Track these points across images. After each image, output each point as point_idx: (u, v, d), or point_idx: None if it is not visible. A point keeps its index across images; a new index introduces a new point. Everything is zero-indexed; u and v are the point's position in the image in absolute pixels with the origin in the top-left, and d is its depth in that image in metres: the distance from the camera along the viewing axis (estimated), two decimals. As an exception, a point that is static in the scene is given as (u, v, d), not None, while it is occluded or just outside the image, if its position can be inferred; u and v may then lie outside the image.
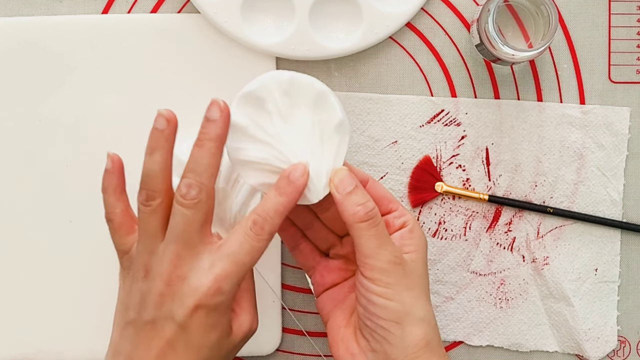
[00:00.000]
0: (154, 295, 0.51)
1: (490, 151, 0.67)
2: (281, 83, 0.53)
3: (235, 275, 0.51)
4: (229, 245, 0.51)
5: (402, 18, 0.65)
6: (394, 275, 0.53)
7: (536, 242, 0.67)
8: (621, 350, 0.68)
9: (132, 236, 0.54)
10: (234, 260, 0.51)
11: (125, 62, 0.65)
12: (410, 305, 0.53)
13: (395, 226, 0.56)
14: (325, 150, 0.54)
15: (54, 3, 0.66)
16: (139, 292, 0.52)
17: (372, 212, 0.53)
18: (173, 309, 0.51)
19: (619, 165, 0.67)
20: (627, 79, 0.67)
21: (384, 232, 0.54)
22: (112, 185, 0.55)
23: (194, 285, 0.50)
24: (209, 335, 0.51)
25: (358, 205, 0.53)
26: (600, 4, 0.67)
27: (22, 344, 0.66)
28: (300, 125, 0.53)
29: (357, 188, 0.53)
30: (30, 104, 0.65)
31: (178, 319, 0.50)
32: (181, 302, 0.50)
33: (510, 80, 0.67)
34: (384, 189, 0.58)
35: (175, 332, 0.51)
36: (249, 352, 0.66)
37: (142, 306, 0.52)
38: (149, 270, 0.52)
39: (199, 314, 0.50)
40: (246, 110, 0.53)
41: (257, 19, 0.65)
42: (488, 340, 0.67)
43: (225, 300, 0.51)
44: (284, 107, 0.53)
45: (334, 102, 0.53)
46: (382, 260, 0.53)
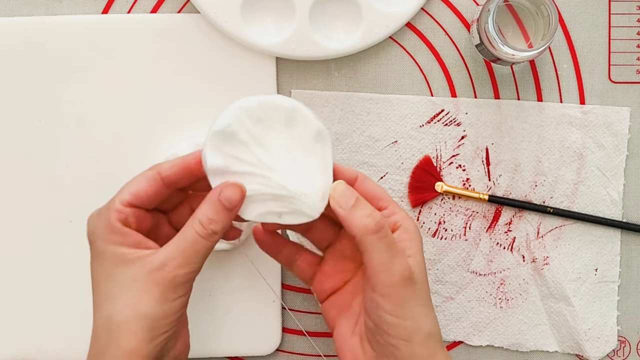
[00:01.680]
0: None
1: (490, 151, 0.67)
2: (250, 111, 0.51)
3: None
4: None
5: (402, 18, 0.65)
6: (405, 290, 0.51)
7: (536, 242, 0.67)
8: (621, 350, 0.68)
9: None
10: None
11: (125, 62, 0.65)
12: (421, 321, 0.52)
13: (389, 226, 0.54)
14: (310, 162, 0.53)
15: (54, 3, 0.66)
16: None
17: (380, 221, 0.51)
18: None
19: (619, 165, 0.67)
20: (627, 79, 0.67)
21: (394, 242, 0.52)
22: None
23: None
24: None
25: (366, 217, 0.51)
26: (600, 4, 0.67)
27: (22, 344, 0.66)
28: (279, 147, 0.52)
29: (359, 200, 0.52)
30: (30, 104, 0.65)
31: None
32: None
33: (510, 80, 0.67)
34: (374, 186, 0.55)
35: None
36: (249, 352, 0.66)
37: None
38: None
39: None
40: (222, 150, 0.52)
41: (257, 19, 0.65)
42: (488, 340, 0.67)
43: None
44: (259, 133, 0.52)
45: (306, 113, 0.52)
46: (394, 275, 0.51)
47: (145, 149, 0.65)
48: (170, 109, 0.66)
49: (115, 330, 0.50)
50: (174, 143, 0.64)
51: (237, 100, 0.52)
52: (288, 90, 0.66)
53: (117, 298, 0.50)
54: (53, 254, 0.65)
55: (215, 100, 0.65)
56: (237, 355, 0.67)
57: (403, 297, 0.51)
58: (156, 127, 0.65)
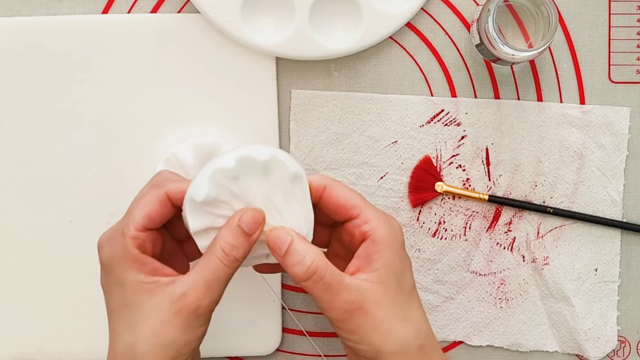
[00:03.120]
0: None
1: (490, 151, 0.67)
2: (227, 172, 0.51)
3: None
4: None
5: (402, 18, 0.65)
6: (354, 321, 0.51)
7: (536, 242, 0.67)
8: (621, 350, 0.68)
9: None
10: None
11: (125, 62, 0.65)
12: (381, 344, 0.51)
13: (358, 237, 0.53)
14: (291, 205, 0.52)
15: (54, 3, 0.66)
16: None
17: (310, 269, 0.50)
18: None
19: (619, 165, 0.67)
20: (627, 79, 0.67)
21: (333, 279, 0.51)
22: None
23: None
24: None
25: (295, 265, 0.51)
26: (600, 4, 0.67)
27: (22, 344, 0.66)
28: (259, 195, 0.52)
29: (292, 245, 0.51)
30: (30, 104, 0.65)
31: None
32: None
33: (510, 80, 0.67)
34: (344, 192, 0.53)
35: None
36: (249, 352, 0.66)
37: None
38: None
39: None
40: (203, 211, 0.52)
41: (257, 19, 0.65)
42: (488, 340, 0.67)
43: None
44: (239, 189, 0.51)
45: (282, 159, 0.52)
46: (337, 311, 0.51)
47: (145, 149, 0.65)
48: (170, 109, 0.66)
49: (140, 358, 0.50)
50: (174, 143, 0.64)
51: (212, 162, 0.52)
52: (288, 90, 0.66)
53: (140, 327, 0.50)
54: (53, 253, 0.65)
55: (215, 100, 0.65)
56: (237, 355, 0.67)
57: (352, 328, 0.51)
58: (156, 127, 0.65)
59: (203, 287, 0.50)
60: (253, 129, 0.65)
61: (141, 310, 0.50)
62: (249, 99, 0.66)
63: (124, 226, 0.51)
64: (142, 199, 0.52)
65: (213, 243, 0.51)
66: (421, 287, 0.67)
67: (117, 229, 0.52)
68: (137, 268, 0.51)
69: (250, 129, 0.65)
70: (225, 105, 0.66)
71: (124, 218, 0.52)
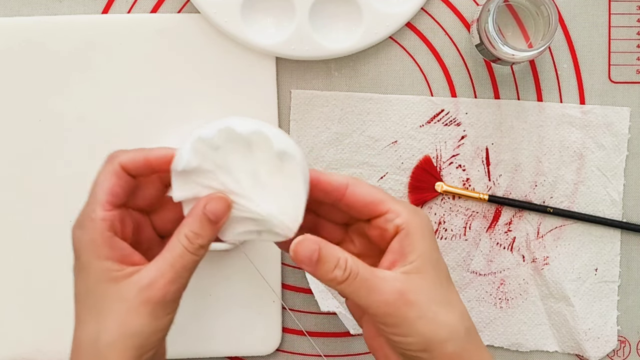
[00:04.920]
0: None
1: (490, 151, 0.67)
2: (208, 141, 0.50)
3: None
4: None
5: (402, 18, 0.65)
6: (398, 313, 0.49)
7: (536, 242, 0.67)
8: (621, 350, 0.68)
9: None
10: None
11: (125, 62, 0.65)
12: (430, 332, 0.50)
13: (390, 232, 0.51)
14: (277, 184, 0.51)
15: (54, 3, 0.66)
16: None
17: (345, 272, 0.49)
18: None
19: (619, 165, 0.67)
20: (627, 79, 0.67)
21: (368, 274, 0.50)
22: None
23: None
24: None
25: (330, 272, 0.49)
26: (600, 4, 0.67)
27: (22, 344, 0.66)
28: (244, 171, 0.51)
29: (322, 252, 0.50)
30: (30, 104, 0.65)
31: None
32: None
33: (510, 80, 0.67)
34: (367, 191, 0.52)
35: None
36: (249, 352, 0.66)
37: None
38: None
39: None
40: (189, 179, 0.51)
41: (257, 19, 0.65)
42: (488, 340, 0.67)
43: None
44: (222, 160, 0.50)
45: (268, 135, 0.50)
46: (380, 306, 0.49)
47: (145, 149, 0.65)
48: (170, 109, 0.66)
49: (104, 348, 0.49)
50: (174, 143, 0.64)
51: (195, 131, 0.51)
52: (288, 90, 0.66)
53: (105, 316, 0.49)
54: (53, 253, 0.65)
55: (215, 100, 0.65)
56: (237, 355, 0.67)
57: (397, 322, 0.50)
58: (156, 127, 0.65)
59: (170, 275, 0.49)
60: (253, 129, 0.65)
61: (106, 299, 0.49)
62: (249, 99, 0.66)
63: (91, 209, 0.50)
64: (98, 178, 0.51)
65: (178, 230, 0.50)
66: (421, 287, 0.67)
67: (85, 213, 0.51)
68: (106, 253, 0.50)
69: (250, 129, 0.65)
70: (225, 105, 0.66)
71: (88, 202, 0.51)
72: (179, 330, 0.66)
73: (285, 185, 0.51)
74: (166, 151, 0.52)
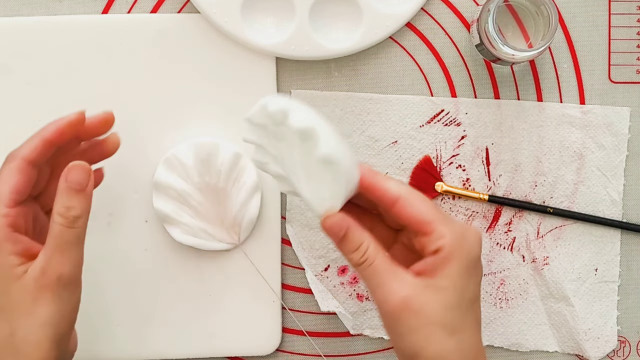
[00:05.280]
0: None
1: (490, 151, 0.67)
2: (272, 115, 0.51)
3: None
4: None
5: (402, 18, 0.65)
6: (401, 316, 0.49)
7: (536, 242, 0.67)
8: (621, 350, 0.68)
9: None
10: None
11: (125, 62, 0.65)
12: (420, 348, 0.49)
13: (430, 250, 0.51)
14: (322, 179, 0.50)
15: (54, 3, 0.66)
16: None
17: (363, 257, 0.50)
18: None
19: (619, 165, 0.67)
20: (627, 79, 0.67)
21: (381, 268, 0.50)
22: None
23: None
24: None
25: (350, 253, 0.50)
26: (600, 4, 0.67)
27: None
28: (293, 153, 0.51)
29: (349, 231, 0.51)
30: (30, 104, 0.65)
31: None
32: None
33: (510, 80, 0.67)
34: (417, 209, 0.51)
35: None
36: (249, 352, 0.66)
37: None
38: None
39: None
40: (256, 133, 0.52)
41: (257, 19, 0.65)
42: (488, 340, 0.67)
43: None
44: (281, 135, 0.51)
45: (318, 136, 0.49)
46: (381, 303, 0.50)
47: (145, 149, 0.65)
48: (170, 109, 0.66)
49: (20, 344, 0.50)
50: (174, 143, 0.64)
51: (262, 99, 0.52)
52: (288, 90, 0.66)
53: (14, 313, 0.51)
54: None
55: (215, 100, 0.65)
56: (237, 355, 0.67)
57: (399, 323, 0.50)
58: (156, 127, 0.65)
59: (57, 256, 0.51)
60: (253, 129, 0.65)
61: (12, 296, 0.51)
62: (249, 99, 0.65)
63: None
64: (1, 176, 0.52)
65: (52, 211, 0.51)
66: (421, 287, 0.67)
67: None
68: (8, 249, 0.51)
69: (250, 129, 0.65)
70: (225, 105, 0.66)
71: None
72: (179, 331, 0.66)
73: (328, 186, 0.50)
74: (56, 123, 0.53)
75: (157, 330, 0.65)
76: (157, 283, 0.65)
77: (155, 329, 0.65)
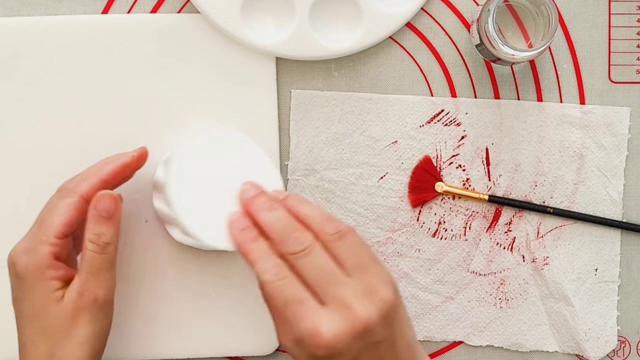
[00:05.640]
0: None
1: (490, 151, 0.67)
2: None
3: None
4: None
5: (402, 18, 0.65)
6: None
7: (536, 242, 0.67)
8: (621, 350, 0.68)
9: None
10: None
11: (125, 62, 0.65)
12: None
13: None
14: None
15: (54, 3, 0.66)
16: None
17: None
18: None
19: (619, 165, 0.67)
20: (627, 79, 0.67)
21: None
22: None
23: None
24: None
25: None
26: (600, 4, 0.67)
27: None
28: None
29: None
30: (30, 104, 0.65)
31: None
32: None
33: (510, 80, 0.67)
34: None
35: None
36: (249, 352, 0.66)
37: None
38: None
39: None
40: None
41: (257, 19, 0.65)
42: (488, 340, 0.67)
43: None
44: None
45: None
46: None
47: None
48: (170, 109, 0.66)
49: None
50: (174, 143, 0.64)
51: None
52: (288, 90, 0.66)
53: (54, 334, 0.54)
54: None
55: (215, 100, 0.65)
56: (237, 355, 0.67)
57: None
58: (156, 127, 0.65)
59: (90, 280, 0.55)
60: (253, 129, 0.65)
61: (52, 318, 0.54)
62: (249, 99, 0.66)
63: (43, 235, 0.55)
64: (57, 208, 0.56)
65: (84, 238, 0.55)
66: (421, 287, 0.67)
67: (34, 239, 0.55)
68: (51, 275, 0.55)
69: (250, 129, 0.65)
70: (225, 105, 0.66)
71: (39, 228, 0.56)
72: (179, 331, 0.66)
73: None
74: (113, 164, 0.58)
75: (157, 330, 0.65)
76: (157, 283, 0.65)
77: (155, 329, 0.65)
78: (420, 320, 0.67)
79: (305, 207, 0.54)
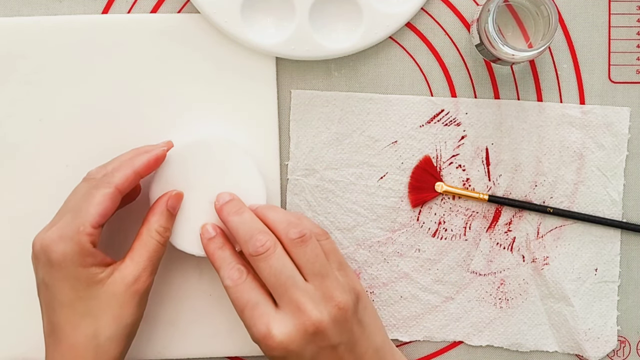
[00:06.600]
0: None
1: (490, 151, 0.67)
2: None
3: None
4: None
5: (402, 18, 0.65)
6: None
7: (536, 242, 0.67)
8: (621, 350, 0.68)
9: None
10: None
11: (125, 62, 0.65)
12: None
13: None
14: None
15: (54, 3, 0.66)
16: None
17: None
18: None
19: (619, 165, 0.67)
20: (627, 79, 0.67)
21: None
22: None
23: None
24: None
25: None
26: (600, 4, 0.67)
27: (22, 344, 0.65)
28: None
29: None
30: (30, 104, 0.65)
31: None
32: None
33: (510, 80, 0.67)
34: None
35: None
36: (249, 352, 0.66)
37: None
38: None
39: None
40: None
41: (257, 19, 0.65)
42: (488, 340, 0.67)
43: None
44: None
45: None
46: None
47: (145, 149, 0.65)
48: (170, 109, 0.66)
49: (105, 342, 0.56)
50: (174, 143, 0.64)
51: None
52: (288, 90, 0.66)
53: (101, 315, 0.56)
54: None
55: (215, 100, 0.65)
56: (237, 355, 0.67)
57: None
58: (156, 127, 0.65)
59: (150, 268, 0.58)
60: (253, 129, 0.65)
61: (99, 300, 0.56)
62: (249, 99, 0.66)
63: (80, 225, 0.56)
64: (93, 197, 0.57)
65: (147, 227, 0.59)
66: (421, 287, 0.67)
67: (71, 228, 0.56)
68: (90, 262, 0.56)
69: (250, 129, 0.65)
70: (225, 105, 0.66)
71: (75, 217, 0.56)
72: (180, 331, 0.66)
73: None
74: (146, 156, 0.59)
75: (158, 330, 0.66)
76: (158, 283, 0.65)
77: (155, 329, 0.65)
78: (420, 320, 0.67)
79: (273, 212, 0.58)
